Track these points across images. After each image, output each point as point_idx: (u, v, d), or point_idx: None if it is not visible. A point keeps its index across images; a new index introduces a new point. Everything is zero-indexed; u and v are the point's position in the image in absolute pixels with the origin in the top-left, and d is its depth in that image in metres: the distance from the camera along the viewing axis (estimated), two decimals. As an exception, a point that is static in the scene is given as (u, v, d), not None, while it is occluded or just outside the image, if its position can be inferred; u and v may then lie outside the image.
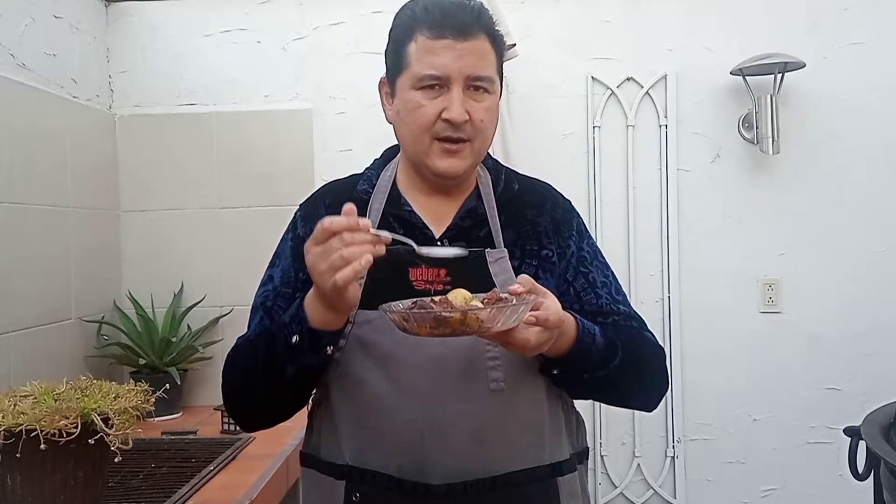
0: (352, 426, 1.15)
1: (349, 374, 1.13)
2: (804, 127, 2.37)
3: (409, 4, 1.16)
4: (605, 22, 2.41)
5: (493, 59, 1.14)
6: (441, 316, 0.93)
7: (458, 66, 1.09)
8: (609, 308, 1.19)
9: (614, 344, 1.11)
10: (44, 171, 2.01)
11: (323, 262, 0.96)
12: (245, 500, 1.54)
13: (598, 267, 1.22)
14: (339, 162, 2.40)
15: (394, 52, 1.15)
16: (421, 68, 1.10)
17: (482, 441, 1.10)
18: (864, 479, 1.54)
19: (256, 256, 2.38)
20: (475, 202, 1.19)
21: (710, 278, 2.39)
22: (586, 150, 2.41)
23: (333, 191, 1.26)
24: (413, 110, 1.11)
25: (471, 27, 1.10)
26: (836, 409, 2.35)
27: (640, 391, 1.20)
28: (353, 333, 1.12)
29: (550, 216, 1.22)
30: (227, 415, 2.06)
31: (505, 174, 1.25)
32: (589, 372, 1.09)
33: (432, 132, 1.11)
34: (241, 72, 2.42)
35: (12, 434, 1.10)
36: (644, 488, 2.42)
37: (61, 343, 2.06)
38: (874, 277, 2.36)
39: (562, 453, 1.17)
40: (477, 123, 1.12)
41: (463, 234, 1.17)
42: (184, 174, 2.41)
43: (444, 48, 1.09)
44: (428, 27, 1.10)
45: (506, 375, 1.11)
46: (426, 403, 1.09)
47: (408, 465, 1.10)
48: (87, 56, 2.29)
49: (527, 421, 1.14)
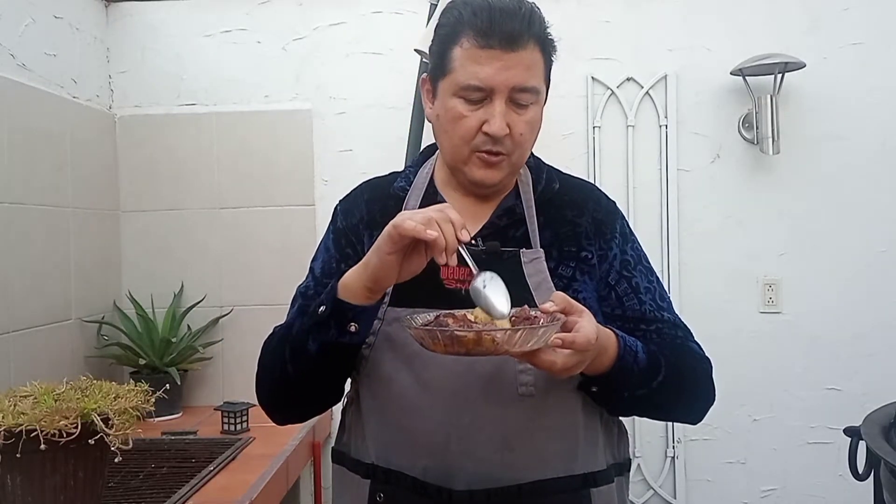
0: (379, 425, 1.14)
1: (377, 373, 1.12)
2: (804, 127, 2.37)
3: (458, 4, 1.10)
4: (605, 22, 2.41)
5: (541, 67, 1.09)
6: (455, 335, 0.91)
7: (502, 78, 1.05)
8: (652, 315, 1.15)
9: (657, 361, 1.07)
10: (44, 171, 2.01)
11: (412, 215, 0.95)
12: (245, 500, 1.54)
13: (643, 272, 1.18)
14: (339, 162, 2.40)
15: (438, 54, 1.11)
16: (464, 77, 1.06)
17: (509, 447, 1.08)
18: (864, 479, 1.54)
19: (256, 256, 2.41)
20: (513, 201, 1.16)
21: (710, 278, 2.39)
22: (586, 150, 2.41)
23: (372, 187, 1.25)
24: (454, 119, 1.08)
25: (520, 36, 1.05)
26: (836, 409, 2.35)
27: (684, 407, 1.16)
28: (383, 330, 1.10)
29: (592, 217, 1.18)
30: (227, 415, 2.07)
31: (546, 173, 1.21)
32: (630, 390, 1.06)
33: (472, 144, 1.08)
34: (241, 72, 2.42)
35: (12, 434, 1.10)
36: (644, 488, 2.41)
37: (61, 343, 2.06)
38: (874, 277, 2.36)
39: (597, 463, 1.13)
40: (517, 137, 1.08)
41: (498, 233, 1.14)
42: (184, 174, 2.41)
43: (490, 58, 1.05)
44: (475, 33, 1.05)
45: (536, 380, 1.07)
46: (453, 406, 1.07)
47: (433, 467, 1.08)
48: (87, 56, 2.30)
49: (557, 428, 1.10)
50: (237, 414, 2.06)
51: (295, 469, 1.98)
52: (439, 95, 1.11)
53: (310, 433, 2.14)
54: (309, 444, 2.15)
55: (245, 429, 2.07)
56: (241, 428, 2.06)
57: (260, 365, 1.16)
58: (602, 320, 1.12)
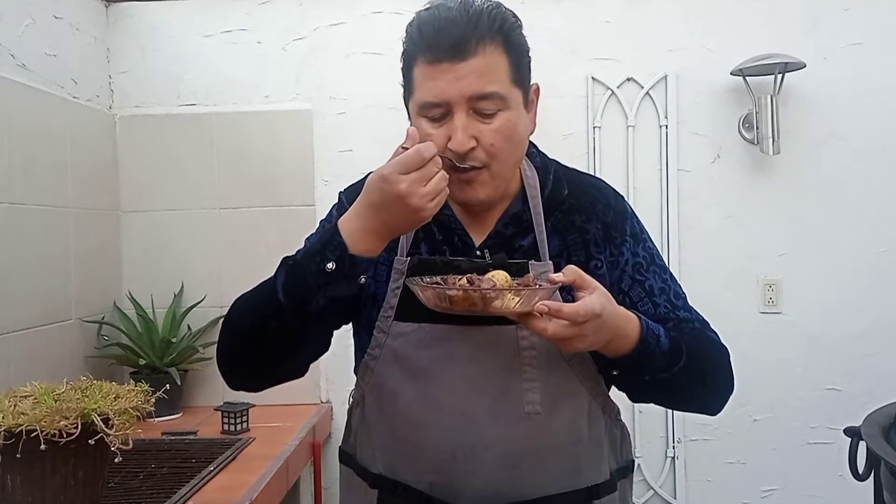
0: (385, 438, 1.13)
1: (384, 386, 1.12)
2: (804, 127, 2.37)
3: (411, 22, 1.08)
4: (605, 22, 2.41)
5: (505, 68, 1.04)
6: (444, 293, 0.95)
7: (455, 91, 1.01)
8: (667, 315, 1.14)
9: (679, 346, 1.05)
10: (44, 171, 2.01)
11: (421, 187, 0.95)
12: (245, 500, 1.54)
13: (656, 272, 1.16)
14: (340, 162, 2.40)
15: (404, 75, 1.10)
16: (421, 95, 1.04)
17: (515, 465, 1.07)
18: (865, 479, 1.54)
19: (256, 256, 2.41)
20: (520, 206, 1.13)
21: (710, 278, 2.39)
22: (586, 150, 2.41)
23: None
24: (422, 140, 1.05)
25: (467, 42, 1.00)
26: (836, 410, 2.35)
27: (703, 394, 1.15)
28: (388, 345, 1.10)
29: (601, 221, 1.15)
30: (227, 415, 2.06)
31: (554, 173, 1.17)
32: (651, 374, 1.04)
33: (443, 164, 1.04)
34: (241, 72, 2.42)
35: (12, 434, 1.10)
36: (644, 488, 2.41)
37: (61, 343, 2.06)
38: (874, 277, 2.36)
39: (600, 475, 1.13)
40: (488, 148, 1.04)
41: (504, 243, 1.12)
42: (184, 174, 2.41)
43: (441, 72, 1.01)
44: (425, 50, 1.03)
45: (542, 398, 1.07)
46: (459, 423, 1.07)
47: (439, 483, 1.08)
48: (88, 56, 2.29)
49: (563, 445, 1.09)
50: (237, 414, 2.06)
51: (295, 469, 1.98)
52: (411, 117, 1.10)
53: (310, 433, 2.14)
54: (309, 444, 2.15)
55: (245, 429, 2.07)
56: (242, 428, 2.06)
57: (227, 328, 1.11)
58: None
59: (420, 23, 1.05)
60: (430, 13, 1.05)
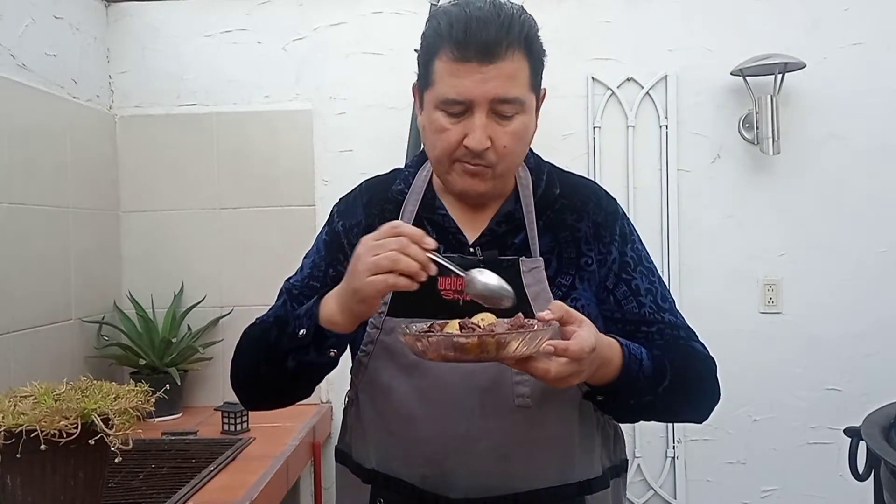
0: (378, 432, 1.15)
1: (377, 381, 1.13)
2: (804, 127, 2.37)
3: (438, 14, 1.07)
4: (605, 22, 2.41)
5: (527, 75, 1.06)
6: (456, 342, 0.89)
7: (481, 91, 1.02)
8: (652, 317, 1.14)
9: (663, 366, 1.05)
10: (44, 171, 2.01)
11: (369, 256, 0.95)
12: (245, 500, 1.54)
13: (643, 273, 1.16)
14: (339, 162, 2.40)
15: (423, 64, 1.09)
16: (444, 90, 1.04)
17: (505, 457, 1.08)
18: (865, 479, 1.54)
19: (256, 256, 2.41)
20: (513, 206, 1.15)
21: (710, 278, 2.39)
22: (586, 150, 2.41)
23: (371, 188, 1.24)
24: (436, 132, 1.07)
25: (498, 46, 1.01)
26: (836, 410, 2.35)
27: (689, 409, 1.15)
28: (381, 340, 1.11)
29: (592, 220, 1.16)
30: (227, 415, 2.07)
31: (547, 174, 1.19)
32: (636, 398, 1.05)
33: (453, 156, 1.07)
34: (241, 72, 2.42)
35: (12, 434, 1.10)
36: (644, 488, 2.41)
37: (61, 343, 2.06)
38: (874, 277, 2.36)
39: (593, 470, 1.13)
40: (500, 149, 1.05)
41: (497, 241, 1.13)
42: (184, 174, 2.41)
43: (468, 71, 1.02)
44: (452, 46, 1.02)
45: (532, 392, 1.07)
46: (451, 416, 1.08)
47: (431, 476, 1.09)
48: (88, 56, 2.29)
49: (554, 438, 1.10)
50: (237, 414, 2.06)
51: (295, 469, 1.98)
52: (425, 106, 1.10)
53: (310, 433, 2.14)
54: (309, 444, 2.15)
55: (245, 429, 2.07)
56: (242, 428, 2.06)
57: (236, 356, 1.17)
58: (602, 324, 1.12)
59: (450, 18, 1.03)
60: (459, 9, 1.03)
